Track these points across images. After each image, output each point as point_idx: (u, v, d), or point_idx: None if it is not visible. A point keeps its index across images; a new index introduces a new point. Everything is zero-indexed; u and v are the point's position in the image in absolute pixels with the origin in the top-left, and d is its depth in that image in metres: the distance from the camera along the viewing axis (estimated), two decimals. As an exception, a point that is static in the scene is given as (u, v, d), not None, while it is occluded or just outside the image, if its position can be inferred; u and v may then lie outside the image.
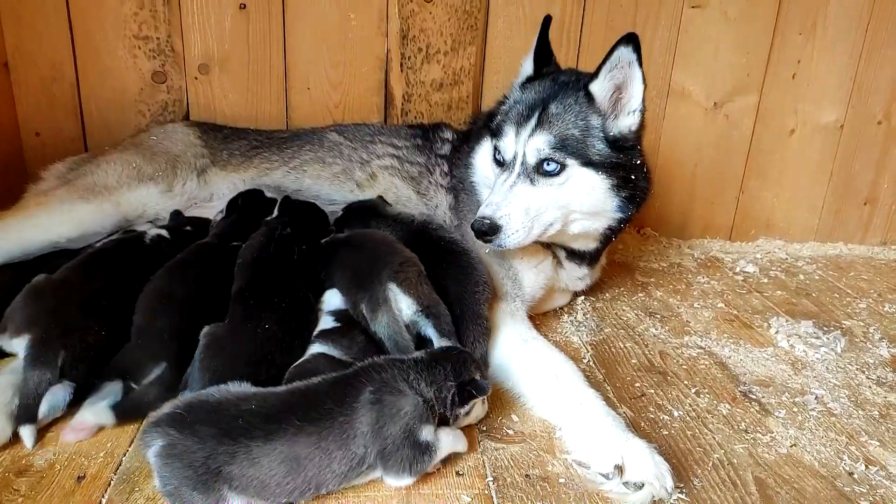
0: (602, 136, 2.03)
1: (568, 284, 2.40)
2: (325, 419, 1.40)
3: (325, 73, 2.92)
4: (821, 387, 2.03)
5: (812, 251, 3.32)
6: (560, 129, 2.02)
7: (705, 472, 1.61)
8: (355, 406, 1.43)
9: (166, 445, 1.34)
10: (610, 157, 2.03)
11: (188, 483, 1.32)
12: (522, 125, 2.06)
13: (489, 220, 1.96)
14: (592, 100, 2.04)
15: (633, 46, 1.95)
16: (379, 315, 1.78)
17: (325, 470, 1.38)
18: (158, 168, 2.38)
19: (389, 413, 1.43)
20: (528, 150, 2.03)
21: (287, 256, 1.97)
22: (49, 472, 1.46)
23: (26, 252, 2.06)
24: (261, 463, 1.34)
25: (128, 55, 2.79)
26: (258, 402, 1.43)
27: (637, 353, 2.18)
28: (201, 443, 1.34)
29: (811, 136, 3.24)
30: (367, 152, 2.57)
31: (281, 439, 1.36)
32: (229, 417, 1.38)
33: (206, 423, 1.36)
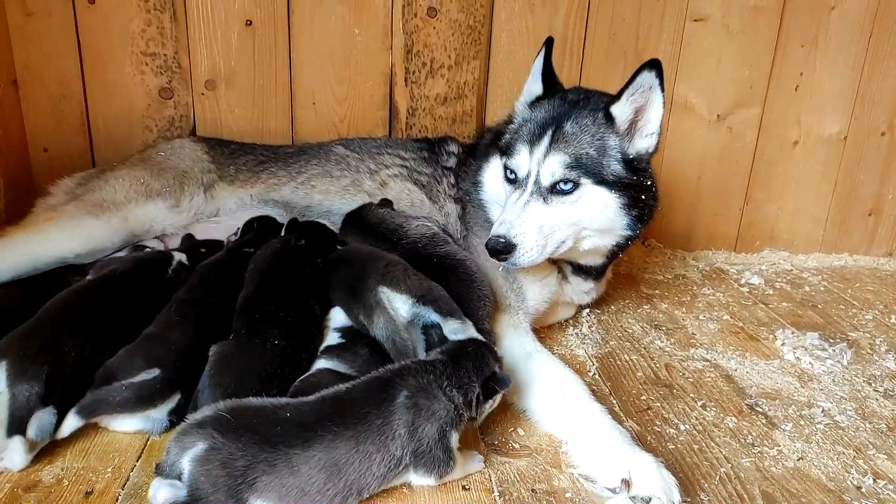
0: (619, 156, 2.06)
1: (573, 298, 2.40)
2: (362, 423, 1.42)
3: (330, 89, 2.95)
4: (827, 399, 2.03)
5: (817, 262, 3.31)
6: (575, 148, 2.04)
7: (712, 486, 1.61)
8: (392, 409, 1.44)
9: (209, 449, 1.33)
10: (623, 178, 2.06)
11: (223, 490, 1.31)
12: (535, 144, 2.08)
13: (504, 238, 1.97)
14: (612, 121, 2.07)
15: (656, 71, 2.00)
16: (374, 318, 1.80)
17: (366, 473, 1.40)
18: (166, 183, 2.39)
19: (425, 416, 1.45)
20: (543, 169, 2.04)
21: (300, 267, 1.98)
22: (57, 488, 1.47)
23: (35, 268, 2.07)
24: (300, 471, 1.35)
25: (135, 71, 2.82)
26: (293, 410, 1.44)
27: (643, 365, 2.18)
28: (244, 449, 1.33)
29: (815, 148, 3.25)
30: (376, 163, 2.58)
31: (319, 446, 1.37)
32: (268, 424, 1.39)
33: (249, 430, 1.37)
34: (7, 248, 2.07)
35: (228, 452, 1.33)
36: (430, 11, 2.88)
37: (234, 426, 1.37)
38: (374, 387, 1.50)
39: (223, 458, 1.32)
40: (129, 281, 1.96)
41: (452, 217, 2.47)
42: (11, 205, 2.68)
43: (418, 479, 1.47)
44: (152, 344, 1.72)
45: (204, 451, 1.33)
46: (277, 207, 2.51)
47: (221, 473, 1.32)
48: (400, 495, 1.50)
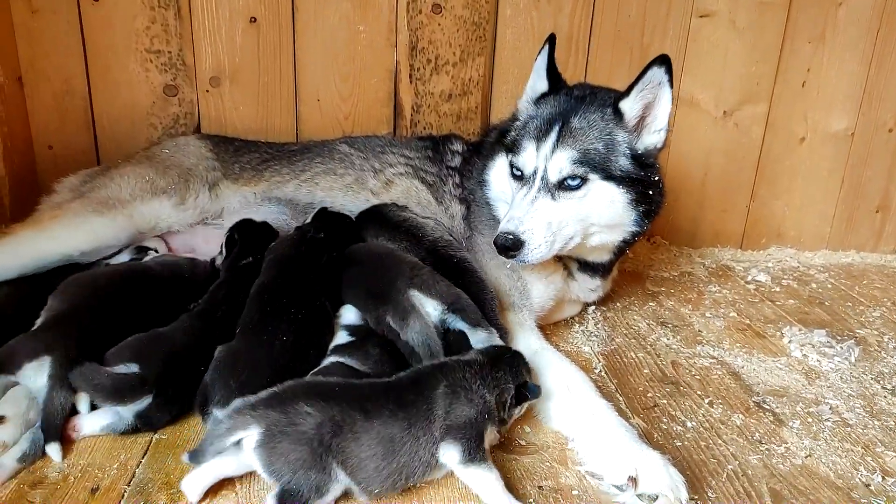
0: (627, 152, 2.06)
1: (580, 296, 2.39)
2: (411, 407, 1.47)
3: (334, 85, 2.94)
4: (835, 397, 2.01)
5: (824, 259, 3.30)
6: (583, 143, 2.03)
7: (720, 483, 1.60)
8: (433, 396, 1.50)
9: (267, 430, 1.36)
10: (631, 173, 2.05)
11: (302, 462, 1.35)
12: (542, 140, 2.07)
13: (512, 235, 1.96)
14: (621, 117, 2.06)
15: (665, 67, 2.00)
16: (410, 322, 1.79)
17: (415, 457, 1.43)
18: (171, 181, 2.39)
19: (462, 400, 1.51)
20: (550, 165, 2.04)
21: (316, 259, 1.98)
22: (63, 484, 1.47)
23: (40, 265, 2.06)
24: (362, 440, 1.39)
25: (140, 69, 2.82)
26: (348, 386, 1.51)
27: (649, 363, 2.17)
28: (307, 415, 1.38)
29: (822, 145, 3.23)
30: (380, 162, 2.57)
31: (379, 418, 1.42)
32: (327, 393, 1.44)
33: (306, 398, 1.41)
34: (13, 245, 2.07)
35: (290, 423, 1.37)
36: (434, 8, 2.87)
37: (289, 399, 1.41)
38: (418, 378, 1.56)
39: (286, 431, 1.36)
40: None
41: (457, 218, 2.46)
42: (16, 202, 2.68)
43: (446, 451, 1.47)
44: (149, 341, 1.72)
45: (263, 435, 1.36)
46: (281, 205, 2.50)
47: (292, 445, 1.36)
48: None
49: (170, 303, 1.92)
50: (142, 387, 1.61)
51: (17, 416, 1.56)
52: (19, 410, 1.57)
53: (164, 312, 1.86)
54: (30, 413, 1.59)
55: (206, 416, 1.61)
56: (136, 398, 1.61)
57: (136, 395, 1.61)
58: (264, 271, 1.94)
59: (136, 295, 1.91)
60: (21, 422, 1.56)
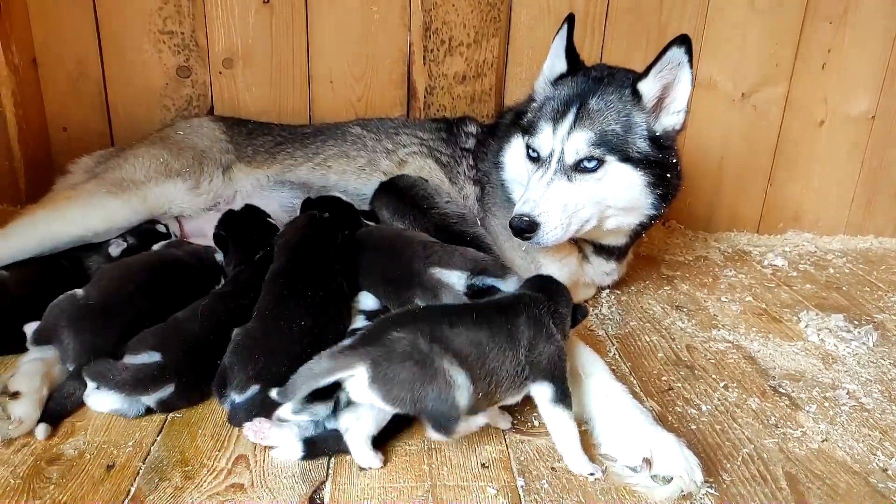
0: (645, 134, 2.03)
1: (594, 279, 2.38)
2: (494, 323, 1.53)
3: (347, 67, 2.92)
4: (852, 381, 1.99)
5: (842, 244, 3.25)
6: (601, 125, 2.01)
7: (734, 466, 1.58)
8: (517, 322, 1.55)
9: (372, 363, 1.40)
10: (649, 155, 2.03)
11: (414, 377, 1.39)
12: (559, 121, 2.05)
13: (528, 217, 1.95)
14: (639, 98, 2.04)
15: (685, 48, 1.97)
16: (443, 298, 1.79)
17: (501, 368, 1.48)
18: (185, 164, 2.38)
19: (543, 336, 1.56)
20: (567, 146, 2.02)
21: (330, 239, 1.97)
22: (79, 461, 1.48)
23: (55, 246, 2.07)
24: (454, 343, 1.45)
25: (153, 50, 2.81)
26: (425, 311, 1.58)
27: (663, 346, 2.15)
28: (401, 338, 1.43)
29: (841, 127, 3.17)
30: (393, 143, 2.56)
31: (464, 325, 1.49)
32: (410, 317, 1.51)
33: (394, 326, 1.47)
34: (28, 226, 2.08)
35: (390, 347, 1.42)
36: (448, -12, 2.84)
37: (381, 330, 1.47)
38: (498, 303, 1.63)
39: (390, 355, 1.41)
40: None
41: (471, 199, 2.45)
42: (31, 184, 2.70)
43: (539, 388, 1.55)
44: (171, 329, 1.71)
45: (371, 369, 1.40)
46: (294, 189, 2.50)
47: (400, 365, 1.40)
48: (419, 471, 1.50)
49: (196, 291, 1.92)
50: (163, 376, 1.61)
51: (31, 392, 1.57)
52: (33, 386, 1.58)
53: (190, 301, 1.85)
54: (43, 390, 1.60)
55: (224, 398, 1.61)
56: (159, 388, 1.61)
57: (158, 384, 1.61)
58: (277, 257, 1.93)
59: (168, 284, 1.91)
60: (36, 398, 1.57)
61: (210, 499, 1.39)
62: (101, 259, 2.13)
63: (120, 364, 1.60)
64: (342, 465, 1.51)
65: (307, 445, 1.51)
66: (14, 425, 1.51)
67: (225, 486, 1.43)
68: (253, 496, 1.40)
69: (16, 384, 1.57)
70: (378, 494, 1.43)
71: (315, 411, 1.52)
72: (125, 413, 1.61)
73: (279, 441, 1.52)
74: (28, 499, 1.37)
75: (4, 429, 1.51)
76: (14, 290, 1.90)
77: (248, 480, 1.45)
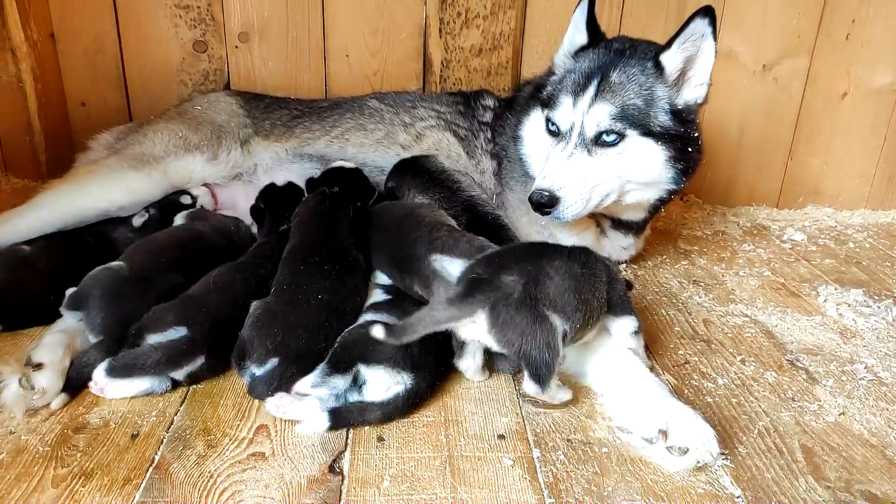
0: (667, 107, 2.01)
1: (611, 254, 2.37)
2: (579, 259, 1.62)
3: (363, 41, 2.91)
4: (871, 356, 1.98)
5: (862, 219, 3.21)
6: (623, 98, 2.00)
7: (750, 439, 1.59)
8: (596, 265, 1.67)
9: (492, 309, 1.49)
10: (671, 129, 2.01)
11: (526, 323, 1.47)
12: (580, 94, 2.03)
13: (548, 192, 1.95)
14: (661, 70, 2.01)
15: (709, 19, 1.94)
16: (434, 289, 1.77)
17: (592, 298, 1.59)
18: (204, 137, 2.40)
19: (613, 275, 1.72)
20: (588, 119, 2.01)
21: (342, 213, 1.98)
22: (104, 430, 1.52)
23: (79, 220, 2.11)
24: (554, 277, 1.54)
25: (169, 25, 2.82)
26: (521, 248, 1.76)
27: (680, 320, 2.15)
28: (513, 282, 1.51)
29: (864, 100, 3.12)
30: (410, 116, 2.55)
31: (559, 259, 1.58)
32: (513, 257, 1.61)
33: (502, 269, 1.56)
34: (51, 200, 2.12)
35: (510, 296, 1.50)
36: (465, -41, 2.81)
37: (495, 277, 1.54)
38: (583, 249, 1.70)
39: (506, 299, 1.49)
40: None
41: (488, 174, 2.44)
42: (52, 159, 2.73)
43: (622, 321, 1.71)
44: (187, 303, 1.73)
45: (490, 313, 1.49)
46: (313, 162, 2.51)
47: (515, 312, 1.48)
48: (437, 442, 1.52)
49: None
50: (194, 349, 1.63)
51: (53, 364, 1.59)
52: (56, 357, 1.61)
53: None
54: (66, 361, 1.62)
55: (244, 371, 1.64)
56: (190, 361, 1.63)
57: (189, 358, 1.63)
58: (292, 235, 1.95)
59: (194, 260, 1.93)
60: (59, 369, 1.59)
61: (232, 466, 1.42)
62: (127, 231, 2.17)
63: (146, 347, 1.61)
64: (361, 436, 1.53)
65: (332, 415, 1.53)
66: (38, 395, 1.55)
67: (246, 454, 1.46)
68: (274, 464, 1.43)
69: (39, 356, 1.60)
70: (396, 464, 1.45)
71: (335, 384, 1.54)
72: (154, 391, 1.63)
73: (302, 415, 1.54)
74: (56, 466, 1.41)
75: (29, 398, 1.54)
76: (38, 265, 1.93)
77: (268, 449, 1.48)
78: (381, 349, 1.57)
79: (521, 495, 1.38)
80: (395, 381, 1.57)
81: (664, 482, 1.43)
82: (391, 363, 1.56)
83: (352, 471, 1.43)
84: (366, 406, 1.56)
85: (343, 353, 1.58)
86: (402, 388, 1.57)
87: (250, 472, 1.41)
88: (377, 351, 1.57)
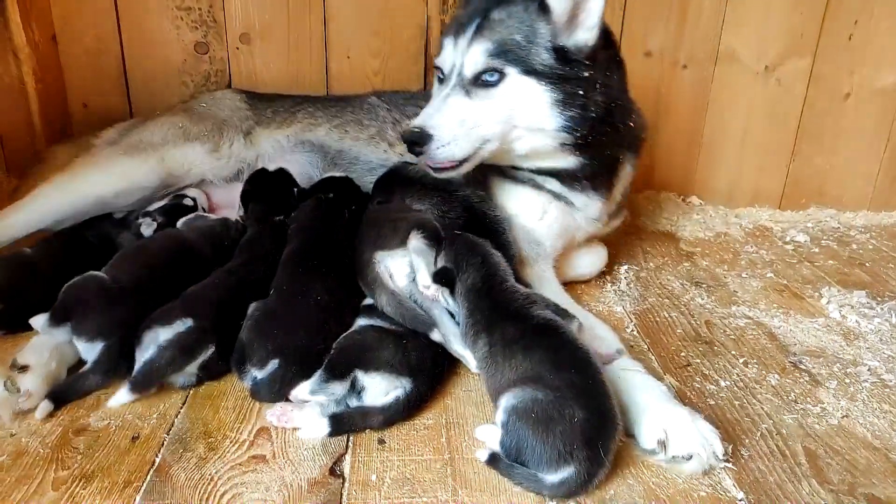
0: (550, 45, 1.91)
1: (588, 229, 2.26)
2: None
3: (364, 41, 2.91)
4: (874, 358, 1.97)
5: (866, 220, 3.19)
6: (501, 35, 1.92)
7: (753, 442, 1.58)
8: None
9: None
10: (555, 68, 1.90)
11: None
12: (460, 35, 1.97)
13: (419, 128, 1.89)
14: (547, 10, 1.91)
15: None
16: (377, 295, 1.74)
17: None
18: (205, 128, 2.41)
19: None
20: (467, 60, 1.93)
21: (337, 218, 1.99)
22: (105, 432, 1.51)
23: (76, 209, 2.13)
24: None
25: (170, 26, 2.81)
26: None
27: (682, 322, 2.14)
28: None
29: (867, 101, 3.10)
30: (401, 114, 2.55)
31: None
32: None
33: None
34: (48, 190, 2.14)
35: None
36: (466, -40, 2.80)
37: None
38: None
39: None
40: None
41: None
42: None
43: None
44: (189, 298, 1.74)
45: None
46: (313, 152, 2.52)
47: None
48: (438, 444, 1.51)
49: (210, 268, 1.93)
50: (204, 336, 1.64)
51: (39, 366, 1.58)
52: (41, 360, 1.59)
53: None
54: (52, 364, 1.60)
55: (244, 374, 1.64)
56: (203, 349, 1.64)
57: (202, 346, 1.64)
58: (290, 240, 1.96)
59: (181, 268, 1.92)
60: (44, 371, 1.58)
61: (232, 469, 1.42)
62: (132, 237, 2.17)
63: (157, 350, 1.60)
64: (362, 438, 1.53)
65: (333, 421, 1.52)
66: (23, 398, 1.53)
67: (247, 457, 1.46)
68: (275, 467, 1.43)
69: (24, 358, 1.59)
70: (397, 466, 1.45)
71: (333, 391, 1.54)
72: (183, 384, 1.65)
73: (303, 422, 1.53)
74: (57, 468, 1.40)
75: (15, 402, 1.53)
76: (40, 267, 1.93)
77: (269, 452, 1.47)
78: (377, 355, 1.57)
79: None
80: (393, 386, 1.57)
81: (666, 485, 1.43)
82: (388, 368, 1.56)
83: (353, 473, 1.42)
84: (366, 411, 1.55)
85: (339, 360, 1.58)
86: (402, 392, 1.56)
87: (251, 475, 1.40)
88: (374, 357, 1.57)
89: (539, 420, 1.35)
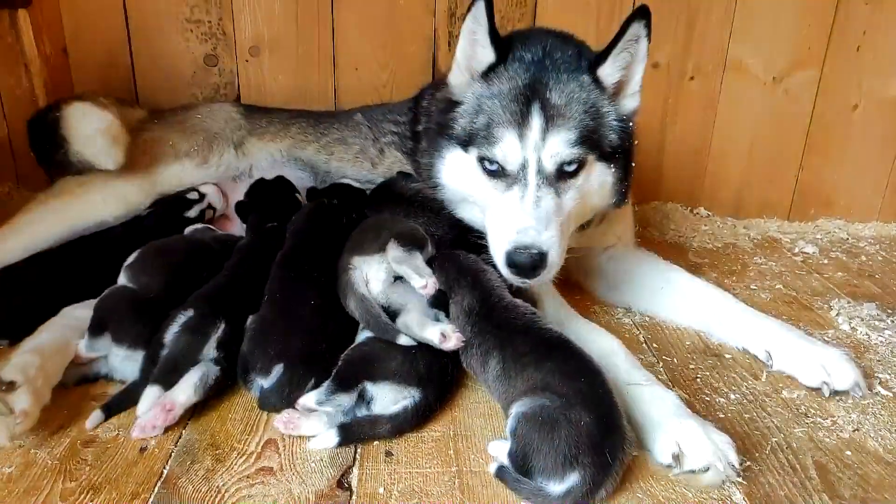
0: (615, 123, 1.84)
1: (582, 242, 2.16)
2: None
3: (372, 54, 2.92)
4: (885, 370, 1.95)
5: (875, 231, 3.18)
6: (575, 121, 1.78)
7: (763, 456, 1.57)
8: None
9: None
10: (618, 147, 1.84)
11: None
12: (524, 125, 1.77)
13: (536, 249, 1.66)
14: (600, 84, 1.83)
15: (645, 21, 1.77)
16: (348, 301, 1.73)
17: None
18: (194, 144, 2.44)
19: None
20: (545, 154, 1.77)
21: (334, 223, 2.01)
22: (113, 444, 1.52)
23: (74, 232, 2.15)
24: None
25: (180, 39, 2.84)
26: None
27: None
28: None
29: (876, 111, 3.09)
30: (379, 130, 2.52)
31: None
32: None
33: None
34: (40, 214, 2.17)
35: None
36: (474, -27, 2.81)
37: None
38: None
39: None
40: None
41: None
42: (64, 172, 2.73)
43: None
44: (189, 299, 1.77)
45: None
46: (305, 169, 2.53)
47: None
48: (446, 456, 1.51)
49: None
50: (207, 318, 1.68)
51: (27, 383, 1.49)
52: (28, 376, 1.51)
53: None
54: (38, 381, 1.53)
55: (250, 384, 1.65)
56: (213, 327, 1.67)
57: (209, 325, 1.67)
58: (285, 242, 1.97)
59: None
60: (31, 388, 1.49)
61: (240, 481, 1.42)
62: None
63: (169, 345, 1.64)
64: (369, 450, 1.52)
65: (341, 431, 1.52)
66: (19, 419, 1.44)
67: (255, 469, 1.46)
68: (282, 479, 1.43)
69: (9, 374, 1.49)
70: (405, 479, 1.44)
71: (340, 402, 1.54)
72: (207, 376, 1.63)
73: (311, 430, 1.53)
74: (65, 479, 1.41)
75: (12, 425, 1.43)
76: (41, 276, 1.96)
77: (277, 464, 1.47)
78: (385, 365, 1.57)
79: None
80: (402, 396, 1.57)
81: (676, 498, 1.42)
82: (397, 379, 1.57)
83: (360, 486, 1.42)
84: (375, 419, 1.55)
85: (347, 371, 1.58)
86: (411, 401, 1.57)
87: (258, 487, 1.40)
88: (382, 367, 1.57)
89: (545, 423, 1.36)
